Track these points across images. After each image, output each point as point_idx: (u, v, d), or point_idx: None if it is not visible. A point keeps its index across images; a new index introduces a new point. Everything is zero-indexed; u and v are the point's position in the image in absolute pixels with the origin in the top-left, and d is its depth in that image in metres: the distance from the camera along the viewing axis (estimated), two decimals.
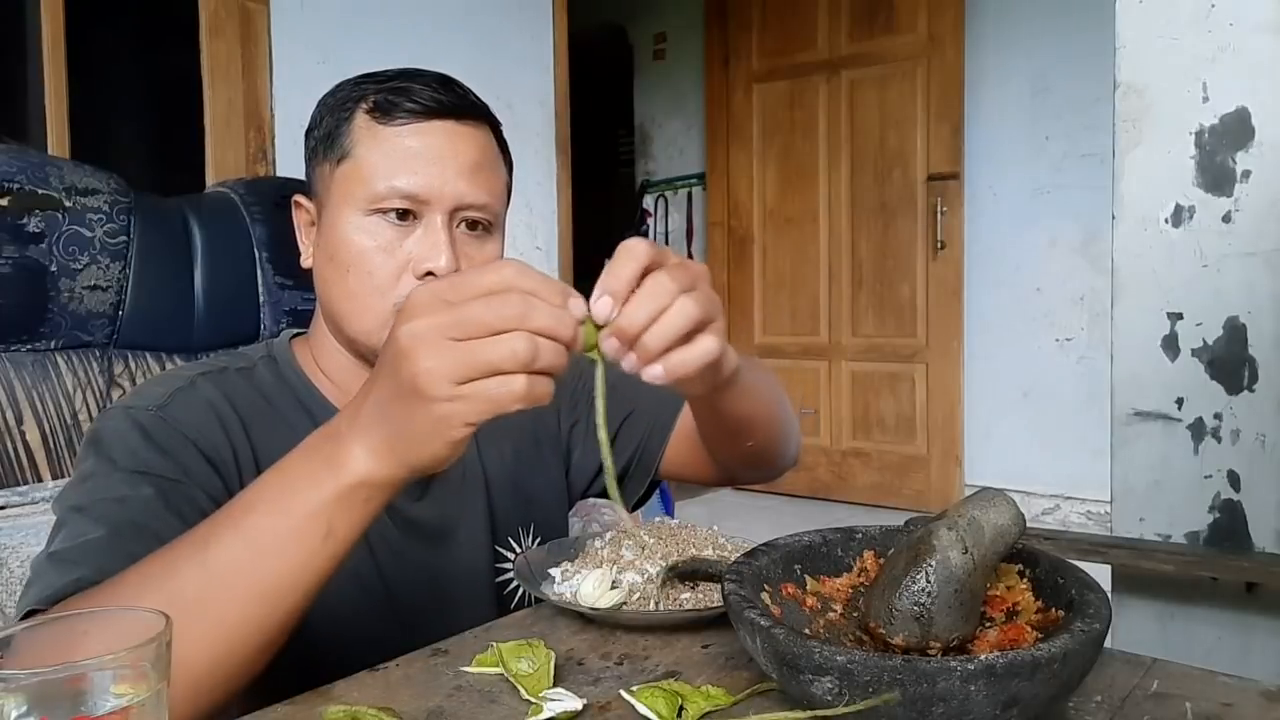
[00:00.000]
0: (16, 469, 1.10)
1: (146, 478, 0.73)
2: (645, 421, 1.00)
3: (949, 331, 3.78)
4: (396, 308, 0.78)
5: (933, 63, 3.72)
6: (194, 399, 0.81)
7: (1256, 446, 1.24)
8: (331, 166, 0.84)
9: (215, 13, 2.47)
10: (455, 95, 0.85)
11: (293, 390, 0.88)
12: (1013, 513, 0.59)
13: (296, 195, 0.91)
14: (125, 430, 0.76)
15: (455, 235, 0.83)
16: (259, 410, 0.84)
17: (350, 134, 0.83)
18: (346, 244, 0.82)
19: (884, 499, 3.94)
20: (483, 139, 0.86)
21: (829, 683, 0.53)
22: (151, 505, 0.71)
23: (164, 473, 0.74)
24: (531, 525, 0.98)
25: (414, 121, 0.82)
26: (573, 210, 3.44)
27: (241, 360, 0.89)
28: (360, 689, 0.66)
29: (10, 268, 1.07)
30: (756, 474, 1.00)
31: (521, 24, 3.23)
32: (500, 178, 0.88)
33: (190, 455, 0.77)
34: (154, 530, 0.69)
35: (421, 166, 0.81)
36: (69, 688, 0.43)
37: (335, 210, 0.83)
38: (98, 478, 0.73)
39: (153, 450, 0.75)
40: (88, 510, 0.71)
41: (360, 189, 0.81)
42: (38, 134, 2.24)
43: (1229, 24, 1.23)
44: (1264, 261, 1.22)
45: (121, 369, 1.19)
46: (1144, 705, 0.60)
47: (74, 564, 0.66)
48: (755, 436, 0.90)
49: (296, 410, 0.87)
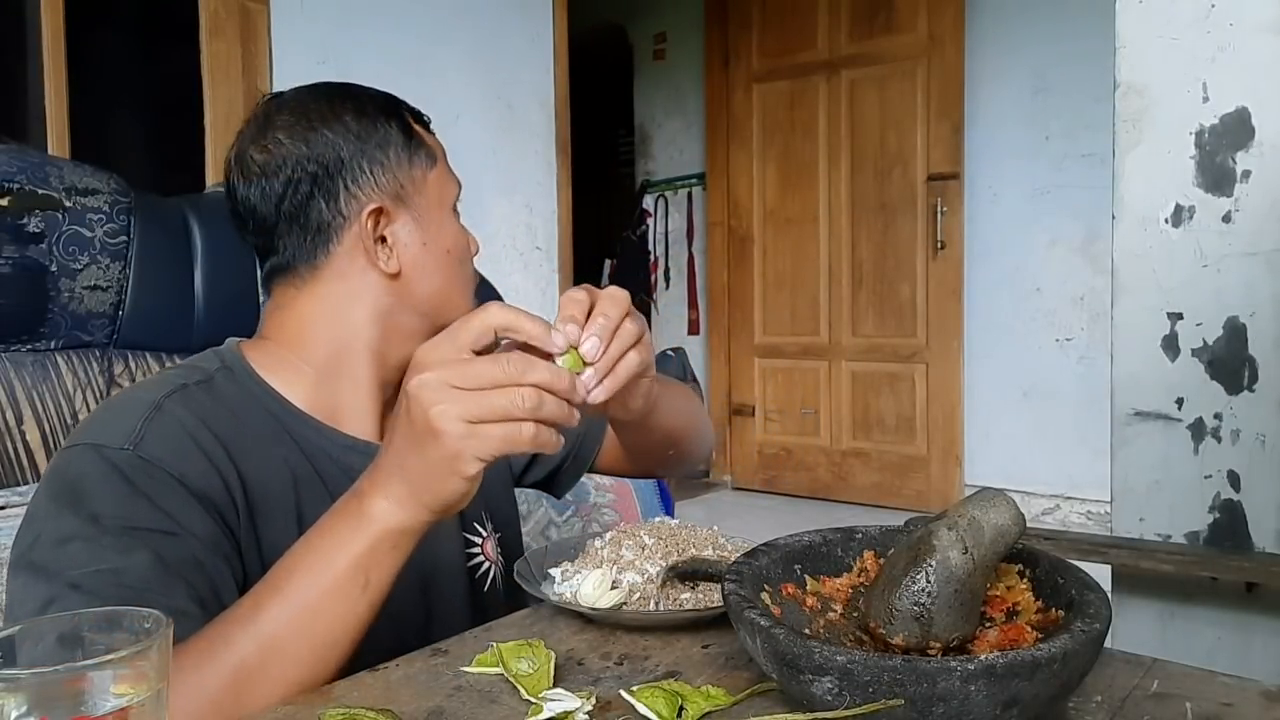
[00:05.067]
0: (16, 469, 1.10)
1: (137, 537, 0.69)
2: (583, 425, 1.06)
3: (949, 331, 3.79)
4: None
5: (933, 62, 3.72)
6: (168, 429, 0.75)
7: (1256, 446, 1.24)
8: (424, 170, 0.89)
9: (215, 13, 2.47)
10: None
11: (258, 401, 0.84)
12: (1013, 513, 0.59)
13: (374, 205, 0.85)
14: (103, 477, 0.71)
15: None
16: (232, 427, 0.80)
17: (427, 143, 0.90)
18: (458, 237, 0.91)
19: (884, 499, 3.94)
20: None
21: (829, 683, 0.53)
22: (151, 572, 0.68)
23: (155, 526, 0.70)
24: (487, 510, 1.01)
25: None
26: (573, 210, 3.44)
27: (196, 374, 0.83)
28: (360, 689, 0.66)
29: (10, 268, 1.07)
30: (675, 473, 1.15)
31: (521, 24, 3.23)
32: None
33: (179, 498, 0.72)
34: (161, 601, 0.66)
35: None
36: (69, 688, 0.43)
37: (440, 209, 0.90)
38: (83, 541, 0.68)
39: (139, 501, 0.70)
40: (83, 588, 0.66)
41: (450, 189, 0.92)
42: (38, 134, 2.24)
43: (1229, 24, 1.23)
44: (1264, 261, 1.22)
45: (121, 369, 1.19)
46: (1144, 705, 0.60)
47: None
48: (675, 447, 1.02)
49: (266, 422, 0.83)
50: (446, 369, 0.63)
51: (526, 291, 3.24)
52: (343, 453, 0.85)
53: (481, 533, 0.99)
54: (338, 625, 0.66)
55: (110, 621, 0.49)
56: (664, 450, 1.01)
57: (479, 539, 0.99)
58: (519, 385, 0.62)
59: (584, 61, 3.88)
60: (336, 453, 0.85)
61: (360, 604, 0.67)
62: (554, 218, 3.37)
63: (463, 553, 0.96)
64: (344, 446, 0.86)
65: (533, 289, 3.29)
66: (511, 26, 3.19)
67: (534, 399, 0.62)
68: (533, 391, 0.62)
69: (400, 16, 2.84)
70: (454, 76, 3.00)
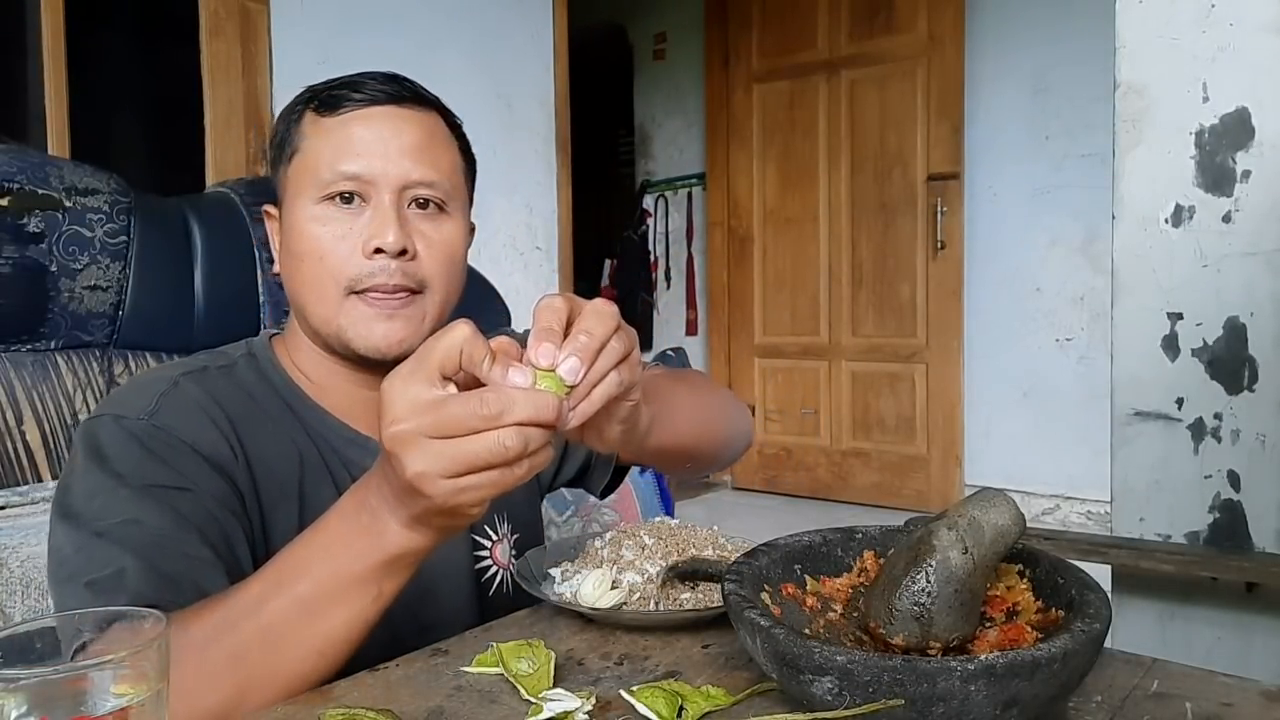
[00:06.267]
0: (16, 469, 1.10)
1: (154, 493, 0.74)
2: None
3: (949, 331, 3.78)
4: (348, 291, 0.82)
5: (933, 62, 3.72)
6: (181, 402, 0.80)
7: (1256, 446, 1.24)
8: (285, 166, 0.87)
9: (215, 13, 2.47)
10: (398, 85, 0.86)
11: (274, 388, 0.88)
12: (1013, 513, 0.59)
13: (266, 206, 0.92)
14: (122, 443, 0.76)
15: (405, 214, 0.84)
16: (244, 408, 0.84)
17: (299, 132, 0.85)
18: (301, 234, 0.84)
19: (884, 499, 3.94)
20: (429, 122, 0.87)
21: (829, 683, 0.53)
22: (167, 522, 0.72)
23: (170, 484, 0.75)
24: (505, 512, 1.00)
25: (357, 109, 0.84)
26: (573, 210, 3.44)
27: (221, 359, 0.88)
28: (360, 689, 0.66)
29: (10, 268, 1.07)
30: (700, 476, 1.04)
31: (521, 24, 3.23)
32: (452, 159, 0.89)
33: (192, 461, 0.77)
34: (176, 549, 0.72)
35: (364, 149, 0.83)
36: (69, 688, 0.43)
37: (290, 205, 0.85)
38: (106, 495, 0.73)
39: (154, 462, 0.75)
40: (108, 535, 0.71)
41: (309, 179, 0.83)
42: (38, 134, 2.24)
43: (1229, 24, 1.23)
44: (1264, 261, 1.22)
45: (121, 369, 1.19)
46: (1144, 705, 0.60)
47: (113, 593, 0.68)
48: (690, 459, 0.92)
49: (279, 407, 0.87)
50: (420, 417, 0.56)
51: (526, 291, 3.24)
52: (345, 445, 0.88)
53: (492, 536, 0.98)
54: (342, 628, 0.66)
55: (110, 622, 0.49)
56: (677, 464, 0.93)
57: (489, 542, 0.97)
58: (499, 428, 0.55)
59: (584, 61, 3.87)
60: (339, 444, 0.88)
61: (369, 611, 0.66)
62: (554, 217, 3.37)
63: (470, 556, 0.95)
64: (346, 439, 0.88)
65: (533, 289, 3.29)
66: (511, 26, 3.19)
67: (518, 441, 0.55)
68: (515, 433, 0.55)
69: (400, 16, 2.84)
70: (454, 76, 3.00)
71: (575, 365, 0.58)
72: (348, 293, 0.82)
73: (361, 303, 0.82)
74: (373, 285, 0.82)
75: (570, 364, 0.58)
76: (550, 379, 0.58)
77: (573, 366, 0.58)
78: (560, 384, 0.58)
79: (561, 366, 0.58)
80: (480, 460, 0.56)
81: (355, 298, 0.82)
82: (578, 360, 0.58)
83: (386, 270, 0.81)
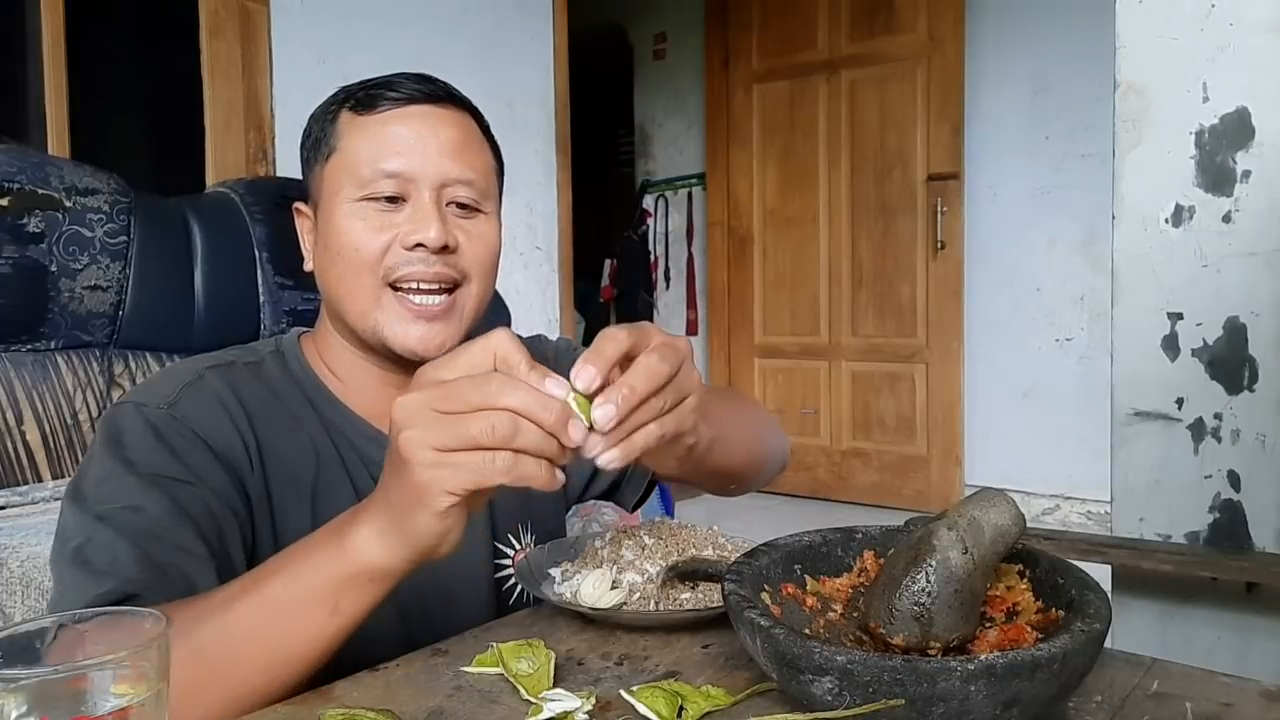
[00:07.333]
0: (16, 469, 1.10)
1: (159, 483, 0.75)
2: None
3: (949, 331, 3.78)
4: (385, 282, 0.82)
5: (933, 63, 3.72)
6: (202, 395, 0.82)
7: (1256, 446, 1.24)
8: (322, 165, 0.87)
9: (215, 13, 2.46)
10: (432, 84, 0.87)
11: (300, 385, 0.89)
12: (1013, 513, 0.59)
13: (297, 203, 0.93)
14: (139, 430, 0.78)
15: (445, 213, 0.84)
16: (265, 403, 0.85)
17: (335, 131, 0.86)
18: (339, 231, 0.84)
19: (884, 499, 3.94)
20: (465, 123, 0.88)
21: (829, 683, 0.53)
22: (165, 513, 0.74)
23: (176, 475, 0.76)
24: (530, 523, 0.99)
25: (394, 108, 0.85)
26: (573, 210, 3.44)
27: (250, 355, 0.90)
28: (360, 689, 0.66)
29: (10, 268, 1.07)
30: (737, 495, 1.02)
31: (521, 24, 3.23)
32: (486, 159, 0.90)
33: (200, 454, 0.79)
34: (171, 540, 0.73)
35: (405, 147, 0.83)
36: (69, 688, 0.43)
37: (329, 205, 0.86)
38: (115, 480, 0.75)
39: (164, 452, 0.77)
40: (110, 519, 0.73)
41: (349, 178, 0.84)
42: (38, 134, 2.24)
43: (1229, 24, 1.23)
44: (1264, 261, 1.22)
45: (121, 369, 1.19)
46: (1144, 705, 0.60)
47: (104, 575, 0.70)
48: (736, 479, 0.91)
49: (302, 405, 0.88)
50: (431, 390, 0.57)
51: (527, 291, 3.24)
52: (365, 443, 0.88)
53: (515, 545, 0.97)
54: (297, 642, 0.64)
55: (110, 621, 0.49)
56: (724, 484, 0.92)
57: (512, 550, 0.97)
58: (493, 409, 0.55)
59: (584, 61, 3.87)
60: (359, 442, 0.88)
61: (326, 629, 0.63)
62: (554, 217, 3.37)
63: (491, 563, 0.95)
64: (367, 437, 0.88)
65: (533, 289, 3.29)
66: (511, 26, 3.19)
67: (507, 426, 0.54)
68: (506, 417, 0.54)
69: (400, 16, 2.84)
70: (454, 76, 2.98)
71: (609, 414, 0.57)
72: (385, 284, 0.83)
73: (398, 302, 0.83)
74: (410, 274, 0.82)
75: (604, 411, 0.57)
76: (585, 404, 0.57)
77: (606, 414, 0.57)
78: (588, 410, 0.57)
79: (596, 411, 0.57)
80: (468, 437, 0.55)
81: (393, 296, 0.83)
82: (613, 409, 0.57)
83: (426, 261, 0.82)
